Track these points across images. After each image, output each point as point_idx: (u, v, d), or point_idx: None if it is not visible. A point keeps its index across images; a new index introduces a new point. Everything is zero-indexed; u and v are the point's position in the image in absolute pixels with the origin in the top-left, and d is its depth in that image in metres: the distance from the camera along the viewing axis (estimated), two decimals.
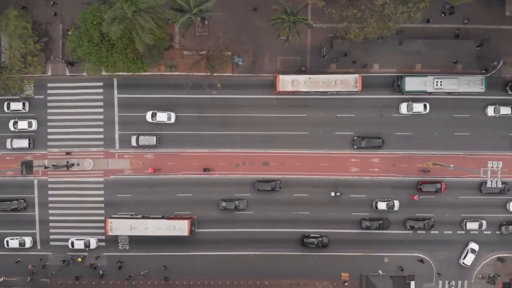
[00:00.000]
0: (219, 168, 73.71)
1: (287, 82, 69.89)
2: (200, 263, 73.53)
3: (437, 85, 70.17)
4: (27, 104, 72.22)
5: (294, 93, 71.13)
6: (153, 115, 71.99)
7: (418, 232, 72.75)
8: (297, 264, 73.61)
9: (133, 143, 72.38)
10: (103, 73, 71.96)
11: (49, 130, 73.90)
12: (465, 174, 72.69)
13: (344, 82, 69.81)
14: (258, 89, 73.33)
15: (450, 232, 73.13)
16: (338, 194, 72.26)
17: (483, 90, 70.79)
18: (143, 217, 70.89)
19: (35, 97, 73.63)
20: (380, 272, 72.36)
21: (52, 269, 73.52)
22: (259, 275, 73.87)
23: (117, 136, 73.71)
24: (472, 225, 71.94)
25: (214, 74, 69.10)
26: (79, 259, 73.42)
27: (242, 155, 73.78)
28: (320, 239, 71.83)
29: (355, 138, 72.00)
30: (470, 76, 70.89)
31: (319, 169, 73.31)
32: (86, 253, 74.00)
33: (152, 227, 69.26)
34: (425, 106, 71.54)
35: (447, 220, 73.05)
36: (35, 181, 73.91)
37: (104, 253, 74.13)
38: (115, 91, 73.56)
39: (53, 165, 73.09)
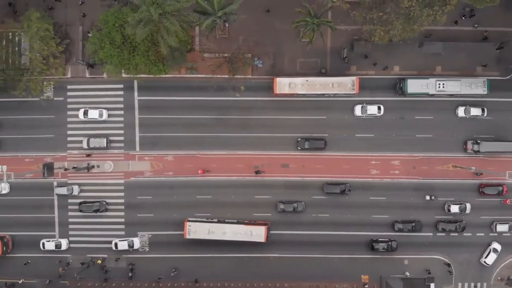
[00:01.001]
0: (237, 170, 73.67)
1: (284, 85, 70.08)
2: (221, 265, 73.69)
3: (439, 87, 70.18)
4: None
5: (291, 95, 71.08)
6: (85, 113, 71.95)
7: (450, 234, 73.03)
8: (317, 266, 73.52)
9: (84, 145, 72.44)
10: (123, 75, 71.97)
11: (68, 132, 73.75)
12: (487, 176, 72.57)
13: (342, 85, 69.90)
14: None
15: (482, 234, 73.17)
16: (432, 198, 72.40)
17: (485, 92, 70.70)
18: (218, 221, 70.74)
19: (55, 99, 73.46)
20: (408, 274, 72.18)
21: (72, 271, 73.22)
22: (278, 277, 73.69)
23: (137, 138, 73.68)
24: (502, 227, 72.04)
25: (236, 76, 68.96)
26: (99, 261, 73.33)
27: (260, 157, 73.69)
28: (390, 243, 71.80)
29: (298, 139, 71.97)
30: (472, 78, 70.87)
31: (340, 171, 73.21)
32: (106, 255, 73.89)
33: (230, 232, 69.49)
34: (379, 108, 71.42)
35: (477, 223, 73.01)
36: (55, 183, 73.82)
37: (124, 255, 73.97)
38: (136, 93, 73.51)
39: (73, 167, 73.03)
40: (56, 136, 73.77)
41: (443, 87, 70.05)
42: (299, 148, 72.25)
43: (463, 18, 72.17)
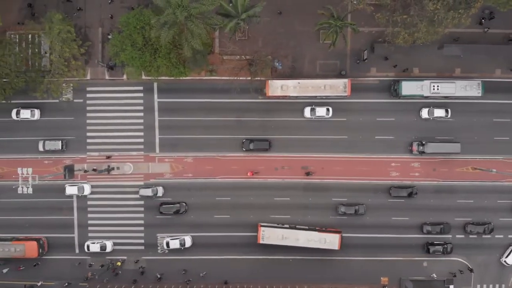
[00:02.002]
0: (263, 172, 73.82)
1: (277, 87, 70.01)
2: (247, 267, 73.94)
3: (433, 89, 70.06)
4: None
5: (284, 97, 71.00)
6: (18, 113, 71.95)
7: (477, 236, 73.09)
8: (336, 269, 73.55)
9: (40, 148, 72.43)
10: (143, 77, 71.99)
11: (88, 134, 73.77)
12: (505, 178, 72.62)
13: (333, 87, 69.92)
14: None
15: (501, 236, 73.18)
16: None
17: (479, 94, 70.51)
18: (290, 227, 70.65)
19: (74, 101, 73.43)
20: (435, 276, 72.22)
21: (91, 273, 73.42)
22: (297, 279, 73.74)
23: (157, 140, 73.65)
24: None
25: (256, 78, 68.96)
26: (118, 263, 73.40)
27: (281, 159, 73.70)
28: (445, 246, 71.94)
29: (243, 140, 72.11)
30: (467, 81, 70.66)
31: (359, 173, 73.24)
32: (125, 257, 73.97)
33: (303, 238, 69.47)
34: (327, 110, 71.52)
35: (495, 224, 72.99)
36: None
37: (143, 257, 74.03)
38: (155, 96, 73.46)
39: (93, 169, 73.02)
40: (76, 138, 73.68)
41: (438, 89, 69.92)
42: (244, 149, 72.21)
43: (483, 20, 72.05)
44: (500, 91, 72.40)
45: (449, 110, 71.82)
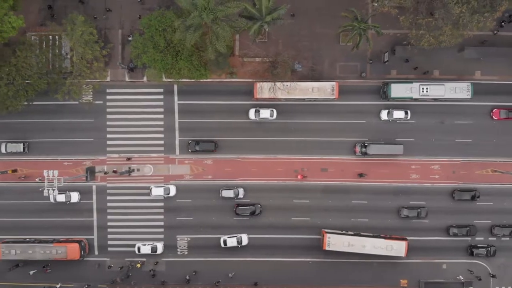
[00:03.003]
0: (277, 174, 73.80)
1: (265, 90, 69.98)
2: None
3: (423, 91, 70.01)
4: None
5: (271, 100, 71.14)
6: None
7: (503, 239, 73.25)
8: (355, 271, 73.57)
9: (2, 150, 72.39)
10: (164, 79, 72.02)
11: (108, 136, 73.76)
12: None
13: (321, 90, 69.95)
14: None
15: None
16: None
17: (469, 97, 70.52)
18: (355, 234, 70.67)
19: (94, 102, 73.38)
20: (461, 278, 72.23)
21: (110, 275, 73.46)
22: (315, 281, 73.82)
23: (177, 142, 73.69)
24: None
25: (277, 80, 68.96)
26: (138, 265, 73.40)
27: (299, 161, 73.73)
28: (489, 248, 71.98)
29: (189, 142, 72.16)
30: (456, 83, 70.71)
31: (379, 176, 73.26)
32: (144, 259, 73.97)
33: (370, 245, 69.35)
34: (271, 112, 71.57)
35: None
36: (94, 187, 73.88)
37: (163, 259, 74.07)
38: (175, 98, 73.45)
39: (113, 171, 73.07)
40: (96, 139, 73.67)
41: (427, 91, 69.87)
42: (190, 150, 72.22)
43: (503, 23, 72.03)
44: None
45: (408, 112, 71.79)
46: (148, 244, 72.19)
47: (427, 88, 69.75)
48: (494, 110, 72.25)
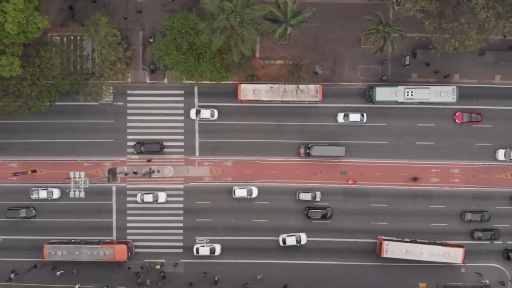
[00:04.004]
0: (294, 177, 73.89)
1: (249, 91, 70.21)
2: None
3: (407, 95, 70.08)
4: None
5: (256, 101, 71.25)
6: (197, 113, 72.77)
7: None
8: (375, 274, 73.64)
9: None
10: (184, 81, 72.08)
11: (128, 137, 73.83)
12: None
13: (305, 92, 69.92)
14: (336, 98, 73.31)
15: None
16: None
17: (454, 100, 70.63)
18: (411, 241, 70.80)
19: (115, 103, 73.45)
20: (487, 282, 72.28)
21: (130, 276, 73.59)
22: (334, 285, 73.81)
23: (197, 144, 73.78)
24: None
25: (299, 83, 69.05)
26: (158, 266, 73.41)
27: (319, 164, 73.78)
28: None
29: (135, 143, 72.25)
30: (442, 86, 70.78)
31: (399, 179, 73.36)
32: (163, 260, 74.04)
33: (427, 252, 69.61)
34: (212, 113, 71.74)
35: None
36: (113, 188, 73.93)
37: (181, 260, 74.11)
38: (196, 99, 73.56)
39: (134, 172, 73.18)
40: (116, 140, 73.73)
41: (412, 95, 69.98)
42: (135, 152, 72.22)
43: None
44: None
45: (364, 114, 71.99)
46: (206, 246, 72.01)
47: (412, 92, 69.90)
48: (457, 114, 72.34)
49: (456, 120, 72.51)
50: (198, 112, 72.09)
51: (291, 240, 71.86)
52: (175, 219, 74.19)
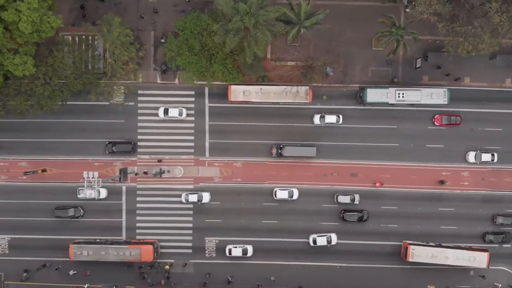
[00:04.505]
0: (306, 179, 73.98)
1: (239, 92, 70.36)
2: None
3: (399, 96, 70.17)
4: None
5: (246, 103, 71.45)
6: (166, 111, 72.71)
7: None
8: (383, 277, 73.70)
9: None
10: (195, 81, 72.12)
11: (139, 137, 73.87)
12: None
13: (295, 94, 70.10)
14: (347, 100, 73.53)
15: None
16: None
17: (445, 102, 70.75)
18: (436, 246, 71.13)
19: (126, 103, 73.47)
20: (499, 286, 72.34)
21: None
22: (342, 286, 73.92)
23: (207, 145, 73.82)
24: None
25: (312, 84, 69.14)
26: (167, 267, 73.43)
27: (329, 165, 73.86)
28: None
29: (106, 143, 72.32)
30: (433, 88, 70.91)
31: (409, 182, 73.41)
32: (172, 260, 74.08)
33: (452, 257, 69.75)
34: (180, 111, 71.68)
35: None
36: (123, 188, 73.93)
37: (191, 260, 74.15)
38: (206, 100, 73.62)
39: (144, 172, 73.23)
40: (126, 140, 73.71)
41: (403, 96, 70.05)
42: (107, 152, 72.25)
43: None
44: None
45: (340, 116, 72.08)
46: (239, 247, 71.98)
47: (403, 94, 69.95)
48: (436, 116, 72.33)
49: (435, 123, 72.49)
50: (166, 111, 71.80)
51: (321, 241, 71.72)
52: (184, 220, 74.20)
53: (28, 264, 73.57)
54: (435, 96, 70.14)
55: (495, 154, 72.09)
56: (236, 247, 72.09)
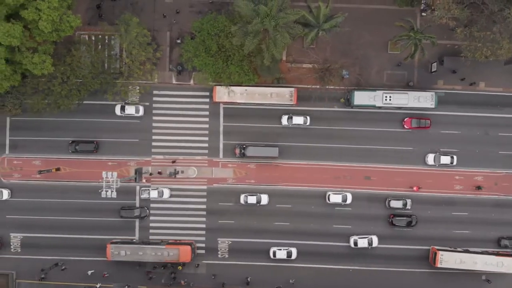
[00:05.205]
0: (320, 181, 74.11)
1: (224, 93, 70.54)
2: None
3: (386, 99, 70.32)
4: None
5: (232, 103, 71.83)
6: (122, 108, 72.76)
7: None
8: (396, 280, 73.74)
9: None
10: (211, 83, 72.20)
11: (154, 137, 73.95)
12: None
13: (280, 95, 70.52)
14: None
15: None
16: None
17: (433, 106, 70.85)
18: (464, 251, 71.20)
19: (141, 103, 73.50)
20: None
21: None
22: None
23: (221, 146, 73.92)
24: None
25: (326, 87, 69.18)
26: (180, 267, 73.46)
27: (342, 168, 73.95)
28: None
29: (70, 142, 72.35)
30: (420, 92, 71.01)
31: (422, 185, 73.43)
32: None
33: (481, 262, 69.79)
34: (137, 109, 71.84)
35: None
36: (137, 187, 74.00)
37: (203, 261, 74.23)
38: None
39: (158, 172, 73.35)
40: (141, 140, 73.86)
41: (390, 99, 70.22)
42: (70, 151, 72.36)
43: None
44: None
45: (308, 117, 72.26)
46: (283, 249, 71.87)
47: (390, 97, 70.06)
48: (405, 119, 72.49)
49: (405, 126, 72.57)
50: (122, 108, 71.92)
51: (363, 242, 71.77)
52: (197, 220, 74.30)
53: (41, 263, 73.81)
54: (422, 99, 70.27)
55: (454, 157, 72.17)
56: (280, 249, 71.88)
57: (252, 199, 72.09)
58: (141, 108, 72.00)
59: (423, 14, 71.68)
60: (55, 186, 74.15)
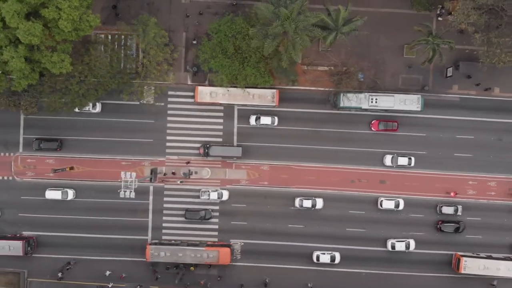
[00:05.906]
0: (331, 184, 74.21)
1: (206, 94, 70.82)
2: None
3: (372, 102, 70.35)
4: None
5: (213, 104, 72.07)
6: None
7: None
8: (406, 285, 73.82)
9: None
10: (226, 84, 72.20)
11: (168, 138, 74.03)
12: None
13: (262, 97, 70.61)
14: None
15: None
16: None
17: (419, 109, 70.91)
18: (487, 257, 71.43)
19: (156, 104, 73.61)
20: None
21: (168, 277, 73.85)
22: None
23: None
24: None
25: (340, 89, 69.35)
26: (192, 268, 73.50)
27: (357, 172, 74.04)
28: None
29: (34, 140, 72.39)
30: (407, 95, 71.13)
31: (434, 190, 73.63)
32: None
33: (504, 268, 70.07)
34: (95, 106, 71.67)
35: None
36: (151, 188, 74.08)
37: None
38: (235, 103, 73.59)
39: (173, 173, 73.44)
40: (155, 140, 73.93)
41: (376, 102, 70.23)
42: (34, 148, 72.33)
43: None
44: None
45: (276, 118, 72.34)
46: (327, 253, 71.84)
47: (376, 99, 70.04)
48: (372, 122, 72.58)
49: (372, 128, 72.70)
50: (93, 105, 71.84)
51: (400, 246, 71.76)
52: (210, 221, 74.29)
53: (52, 262, 73.97)
54: (408, 102, 70.34)
55: (412, 158, 72.29)
56: (324, 253, 71.84)
57: (307, 203, 72.04)
58: (97, 105, 71.34)
59: (439, 18, 71.84)
60: (69, 184, 74.11)
